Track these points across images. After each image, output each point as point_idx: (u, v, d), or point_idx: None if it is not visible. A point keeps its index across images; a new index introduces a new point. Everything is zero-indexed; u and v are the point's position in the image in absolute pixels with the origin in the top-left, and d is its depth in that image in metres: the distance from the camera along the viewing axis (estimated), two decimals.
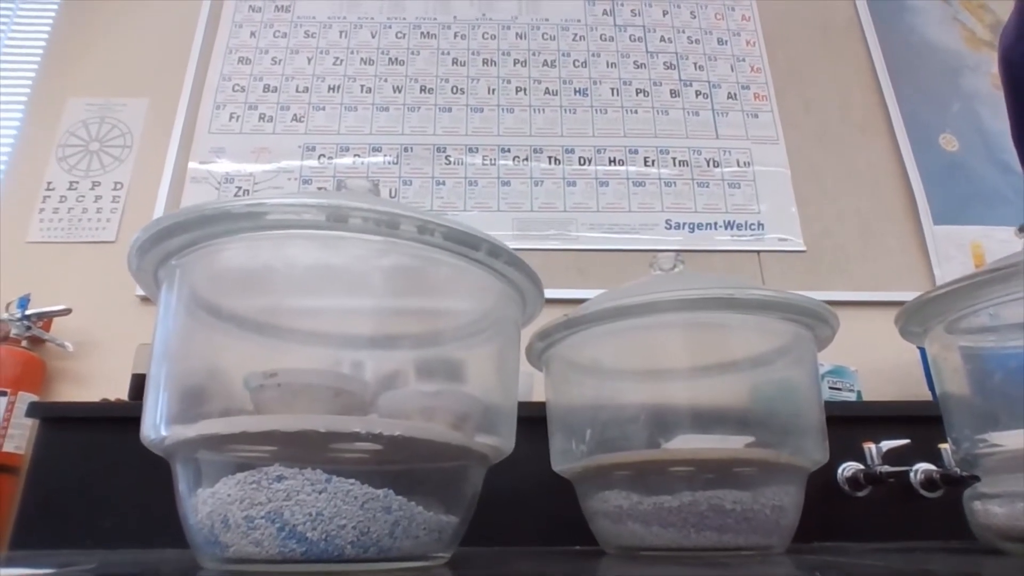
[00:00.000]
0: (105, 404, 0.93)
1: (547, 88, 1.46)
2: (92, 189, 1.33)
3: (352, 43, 1.50)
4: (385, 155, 1.38)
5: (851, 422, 0.86)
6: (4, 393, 1.05)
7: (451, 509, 0.41)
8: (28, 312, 1.13)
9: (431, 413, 0.41)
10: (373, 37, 1.50)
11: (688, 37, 1.54)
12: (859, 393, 1.03)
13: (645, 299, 0.53)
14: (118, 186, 1.33)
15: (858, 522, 0.84)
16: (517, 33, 1.52)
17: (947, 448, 0.82)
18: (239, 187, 1.33)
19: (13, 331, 1.12)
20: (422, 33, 1.52)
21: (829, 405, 0.60)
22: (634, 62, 1.50)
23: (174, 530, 0.40)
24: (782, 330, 0.56)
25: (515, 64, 1.49)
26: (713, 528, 0.50)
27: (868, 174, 1.42)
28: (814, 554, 0.53)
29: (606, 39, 1.53)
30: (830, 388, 1.01)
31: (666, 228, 1.33)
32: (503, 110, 1.44)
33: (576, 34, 1.53)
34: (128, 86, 1.44)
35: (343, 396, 0.39)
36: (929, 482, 0.83)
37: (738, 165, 1.40)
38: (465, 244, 0.42)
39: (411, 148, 1.39)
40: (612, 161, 1.39)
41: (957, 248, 1.34)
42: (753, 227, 1.34)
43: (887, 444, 0.84)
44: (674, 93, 1.47)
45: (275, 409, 0.38)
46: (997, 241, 1.34)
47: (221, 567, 0.37)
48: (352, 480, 0.36)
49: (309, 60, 1.47)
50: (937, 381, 0.55)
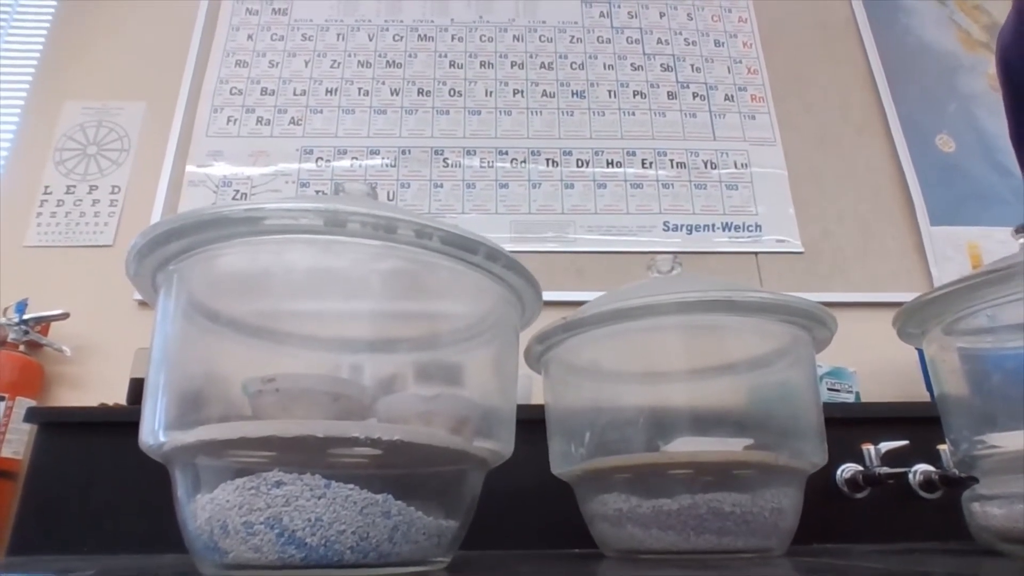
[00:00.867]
0: (103, 409, 0.93)
1: (544, 90, 1.46)
2: (90, 193, 1.33)
3: (349, 46, 1.49)
4: (383, 158, 1.38)
5: (850, 423, 0.86)
6: (2, 398, 1.04)
7: (450, 513, 0.41)
8: (26, 316, 1.12)
9: (430, 417, 0.41)
10: (370, 40, 1.50)
11: (685, 39, 1.54)
12: (857, 394, 1.03)
13: (643, 302, 0.53)
14: (115, 190, 1.33)
15: (857, 524, 0.84)
16: (514, 35, 1.52)
17: (946, 449, 0.82)
18: (237, 190, 1.33)
19: (11, 336, 1.11)
20: (419, 36, 1.52)
21: (828, 407, 0.60)
22: (631, 64, 1.50)
23: (173, 536, 0.39)
24: (780, 332, 0.56)
25: (512, 66, 1.49)
26: (712, 531, 0.50)
27: (865, 175, 1.42)
28: (813, 556, 0.54)
29: (603, 41, 1.53)
30: (829, 389, 1.01)
31: (664, 230, 1.33)
32: (501, 112, 1.44)
33: (573, 36, 1.53)
34: (125, 89, 1.44)
35: (341, 401, 0.39)
36: (928, 483, 0.83)
37: (736, 167, 1.40)
38: (463, 248, 0.42)
39: (409, 151, 1.39)
40: (610, 163, 1.39)
41: (954, 249, 1.34)
42: (751, 229, 1.34)
43: (886, 445, 0.84)
44: (671, 95, 1.47)
45: (274, 414, 0.38)
46: (994, 242, 1.34)
47: (220, 573, 0.37)
48: (351, 485, 0.36)
49: (306, 63, 1.47)
50: (935, 382, 0.55)
